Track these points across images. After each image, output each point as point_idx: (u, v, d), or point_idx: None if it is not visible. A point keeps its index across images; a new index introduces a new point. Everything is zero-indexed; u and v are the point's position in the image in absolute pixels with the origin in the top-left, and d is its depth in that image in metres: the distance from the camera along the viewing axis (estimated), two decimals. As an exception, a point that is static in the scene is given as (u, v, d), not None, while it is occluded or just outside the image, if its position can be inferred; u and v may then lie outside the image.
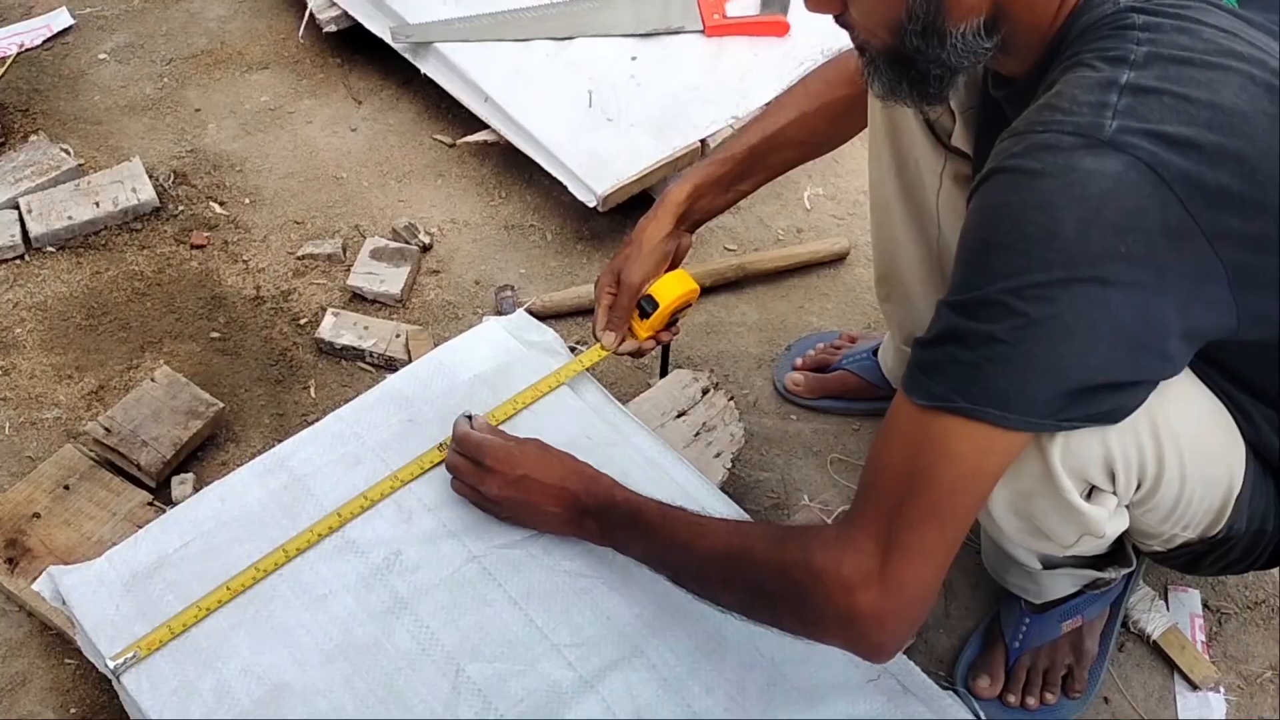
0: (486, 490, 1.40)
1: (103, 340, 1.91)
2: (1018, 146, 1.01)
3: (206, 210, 2.13)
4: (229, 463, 1.74)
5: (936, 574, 1.08)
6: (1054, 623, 1.51)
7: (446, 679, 1.29)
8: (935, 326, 1.05)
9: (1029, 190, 0.98)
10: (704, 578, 1.25)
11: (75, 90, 2.34)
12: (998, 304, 0.99)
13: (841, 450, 1.81)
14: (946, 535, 1.07)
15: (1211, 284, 1.01)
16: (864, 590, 1.06)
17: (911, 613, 1.09)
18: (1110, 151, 0.96)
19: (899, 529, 1.06)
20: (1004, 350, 0.99)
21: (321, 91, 2.38)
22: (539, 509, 1.39)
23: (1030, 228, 0.98)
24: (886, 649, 1.12)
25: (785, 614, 1.17)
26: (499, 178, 2.22)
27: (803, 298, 2.05)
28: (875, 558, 1.06)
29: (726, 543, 1.21)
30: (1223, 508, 1.25)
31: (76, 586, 1.36)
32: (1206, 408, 1.21)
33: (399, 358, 1.87)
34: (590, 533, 1.38)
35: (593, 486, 1.37)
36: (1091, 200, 0.96)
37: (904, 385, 1.07)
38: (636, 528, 1.31)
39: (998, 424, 1.02)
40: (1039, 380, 1.01)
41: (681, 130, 2.11)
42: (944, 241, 1.50)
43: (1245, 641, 1.61)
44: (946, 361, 1.03)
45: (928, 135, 1.46)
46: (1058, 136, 0.98)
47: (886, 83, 1.15)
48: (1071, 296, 0.97)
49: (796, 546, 1.13)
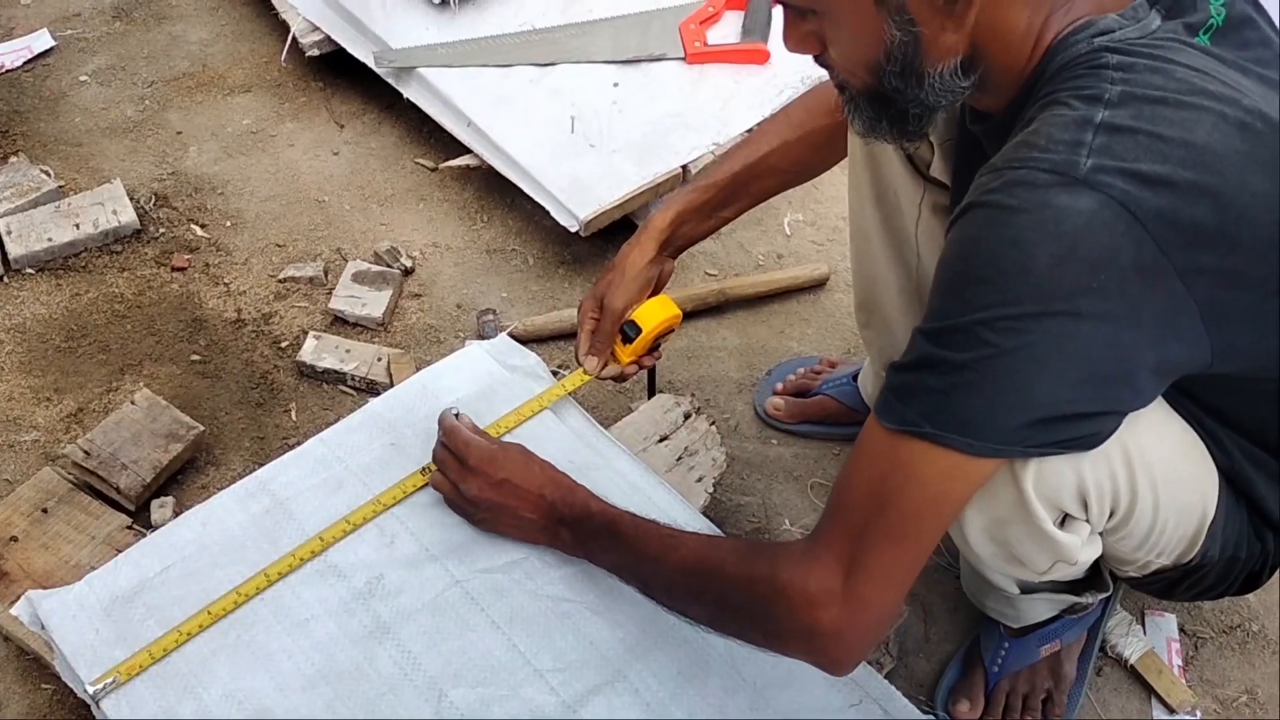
0: (467, 489, 1.41)
1: (82, 363, 1.90)
2: (995, 182, 1.02)
3: (187, 233, 2.12)
4: (209, 486, 1.73)
5: (897, 594, 1.11)
6: (1033, 647, 1.52)
7: (429, 704, 1.28)
8: (910, 353, 1.07)
9: (1004, 225, 1.00)
10: (673, 589, 1.27)
11: (56, 112, 2.34)
12: (970, 334, 1.01)
13: (822, 475, 1.82)
14: (908, 557, 1.09)
15: (1185, 319, 1.03)
16: (826, 607, 1.09)
17: (871, 630, 1.12)
18: (1085, 190, 0.98)
19: (863, 549, 1.08)
20: (973, 378, 1.01)
21: (304, 115, 2.38)
22: (516, 514, 1.40)
23: (1005, 262, 0.99)
24: (845, 663, 1.15)
25: (750, 627, 1.19)
26: (481, 202, 2.23)
27: (783, 323, 2.06)
28: (838, 575, 1.09)
29: (697, 556, 1.23)
30: (1196, 535, 1.26)
31: (55, 611, 1.35)
32: (1179, 436, 1.22)
33: (381, 381, 1.87)
34: (564, 542, 1.39)
35: (569, 497, 1.38)
36: (1065, 237, 0.97)
37: (876, 408, 1.09)
38: (610, 538, 1.33)
39: (964, 450, 1.04)
40: (1007, 409, 1.02)
41: (663, 156, 2.13)
42: (923, 270, 1.52)
43: (1221, 666, 1.62)
44: (918, 387, 1.05)
45: (906, 166, 1.48)
46: (1033, 173, 1.00)
47: (867, 120, 1.18)
48: (1043, 329, 0.99)
49: (764, 562, 1.15)
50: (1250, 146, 1.01)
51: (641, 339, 1.56)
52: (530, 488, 1.39)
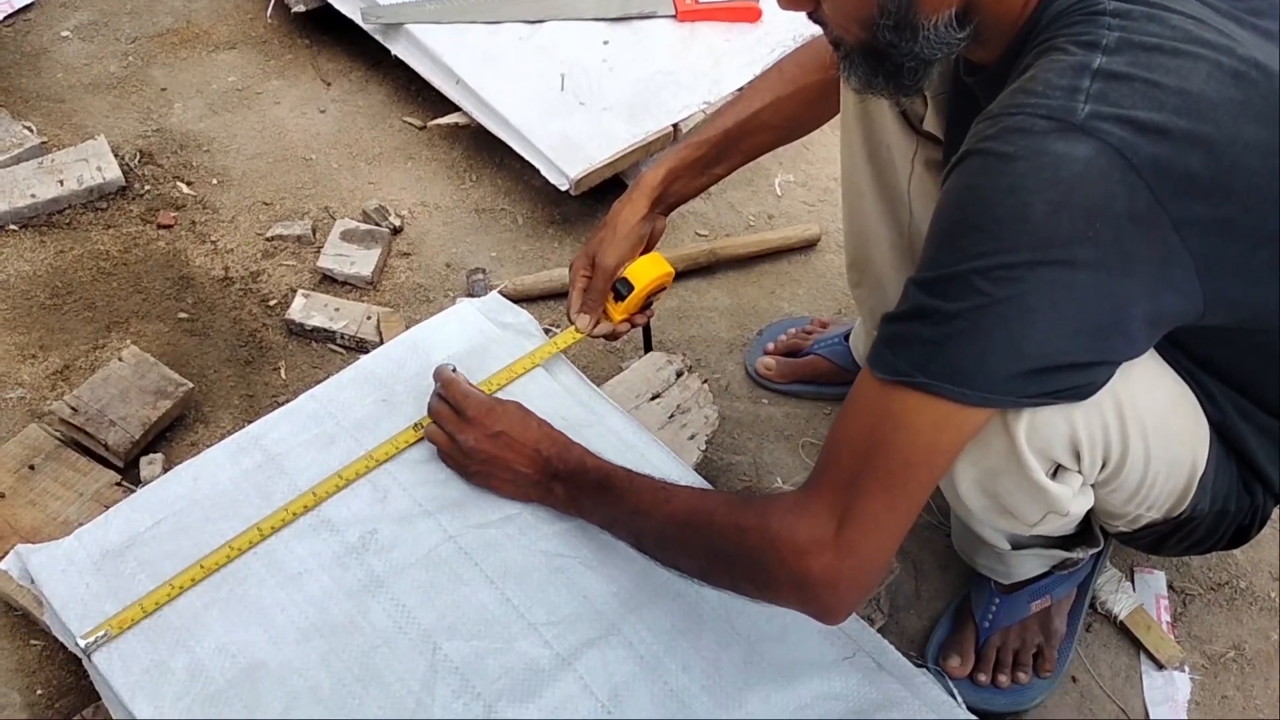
0: (463, 441, 1.40)
1: (68, 320, 1.88)
2: (991, 130, 1.02)
3: (173, 190, 2.10)
4: (198, 443, 1.72)
5: (888, 544, 1.11)
6: (1023, 602, 1.53)
7: (424, 657, 1.28)
8: (902, 304, 1.07)
9: (1000, 173, 1.00)
10: (665, 542, 1.27)
11: (37, 68, 2.30)
12: (963, 283, 1.00)
13: (813, 434, 1.82)
14: (899, 507, 1.09)
15: (1178, 270, 1.03)
16: (817, 555, 1.09)
17: (862, 579, 1.12)
18: (1081, 136, 0.97)
19: (854, 498, 1.08)
20: (965, 328, 1.01)
21: (290, 72, 2.36)
22: (511, 467, 1.39)
23: (1000, 210, 0.99)
24: (837, 612, 1.15)
25: (742, 577, 1.18)
26: (470, 161, 2.21)
27: (774, 283, 2.06)
28: (829, 524, 1.09)
29: (689, 507, 1.23)
30: (1186, 488, 1.27)
31: (45, 565, 1.34)
32: (1171, 389, 1.23)
33: (370, 339, 1.85)
34: (557, 498, 1.39)
35: (565, 453, 1.38)
36: (1062, 184, 0.97)
37: (868, 360, 1.09)
38: (604, 493, 1.32)
39: (956, 399, 1.03)
40: (999, 358, 1.02)
41: (654, 114, 2.11)
42: (915, 226, 1.51)
43: (1209, 622, 1.64)
44: (910, 337, 1.05)
45: (899, 121, 1.47)
46: (1030, 120, 0.99)
47: (862, 77, 1.17)
48: (1037, 278, 0.99)
49: (754, 512, 1.15)
50: (1245, 96, 1.01)
51: (633, 296, 1.55)
52: (527, 441, 1.39)
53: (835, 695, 1.31)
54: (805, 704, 1.29)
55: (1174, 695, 1.55)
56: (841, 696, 1.31)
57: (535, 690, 1.27)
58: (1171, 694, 1.55)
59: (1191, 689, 1.56)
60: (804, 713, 1.29)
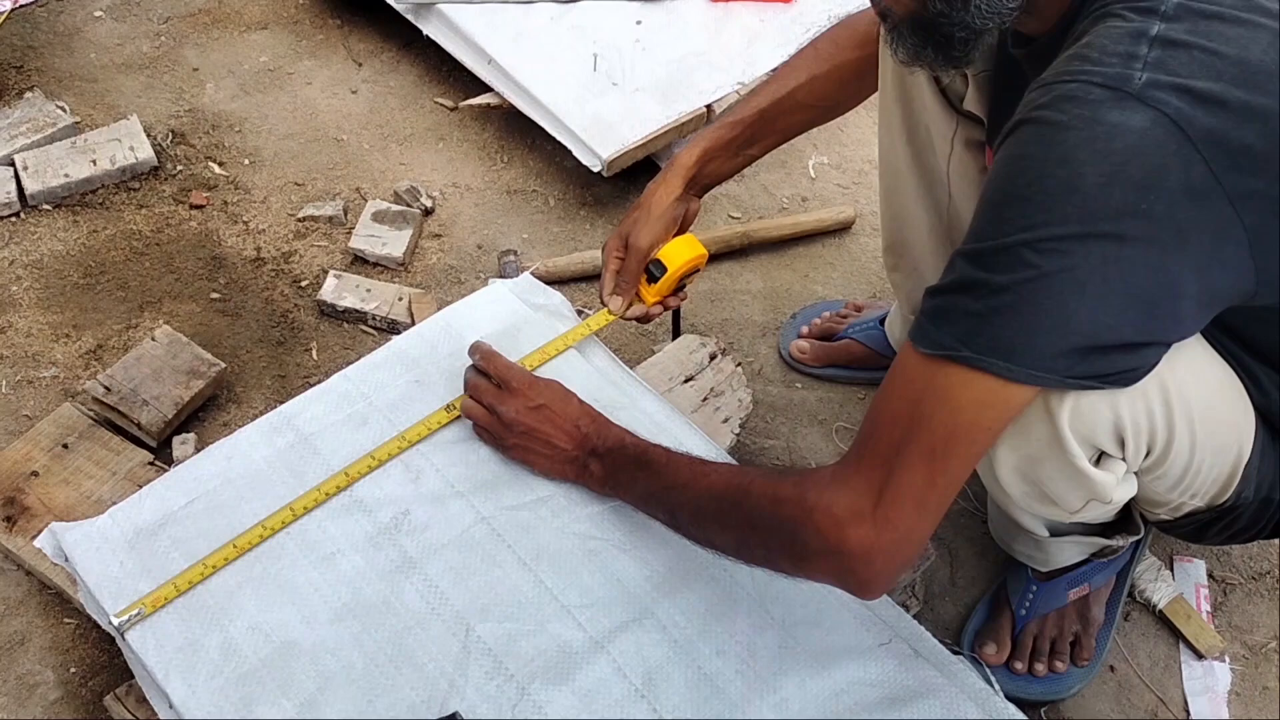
0: (505, 411, 1.39)
1: (101, 299, 1.88)
2: (1044, 98, 1.00)
3: (205, 170, 2.10)
4: (230, 423, 1.72)
5: (927, 520, 1.09)
6: (1061, 590, 1.51)
7: (457, 638, 1.28)
8: (947, 276, 1.05)
9: (1052, 143, 0.98)
10: (701, 515, 1.25)
11: (70, 47, 2.30)
12: (1012, 255, 0.98)
13: (847, 419, 1.81)
14: (939, 484, 1.07)
15: (1231, 246, 1.00)
16: (855, 527, 1.07)
17: (900, 553, 1.10)
18: (1137, 105, 0.95)
19: (894, 472, 1.06)
20: (1012, 301, 0.99)
21: (321, 53, 2.35)
22: (549, 441, 1.38)
23: (1051, 181, 0.97)
24: (873, 585, 1.13)
25: (778, 551, 1.17)
26: (501, 142, 2.20)
27: (808, 266, 2.04)
28: (869, 497, 1.07)
29: (726, 481, 1.22)
30: (1231, 475, 1.25)
31: (79, 543, 1.34)
32: (1217, 374, 1.20)
33: (402, 320, 1.85)
34: (592, 475, 1.38)
35: (604, 430, 1.37)
36: (1115, 155, 0.95)
37: (911, 334, 1.07)
38: (642, 468, 1.31)
39: (1001, 375, 1.01)
40: (1046, 333, 1.00)
41: (687, 96, 2.09)
42: (954, 209, 1.49)
43: (1250, 612, 1.61)
44: (955, 311, 1.03)
45: (939, 100, 1.45)
46: (1086, 88, 0.97)
47: (910, 49, 1.14)
48: (1086, 251, 0.97)
49: (792, 484, 1.14)
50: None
51: (667, 278, 1.53)
52: (568, 415, 1.38)
53: (871, 681, 1.29)
54: (840, 690, 1.28)
55: (1214, 686, 1.53)
56: (877, 683, 1.29)
57: (568, 672, 1.26)
58: (1211, 685, 1.53)
59: (1232, 680, 1.54)
60: (839, 699, 1.27)
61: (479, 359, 1.44)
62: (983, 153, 1.44)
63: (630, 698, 1.25)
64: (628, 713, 1.24)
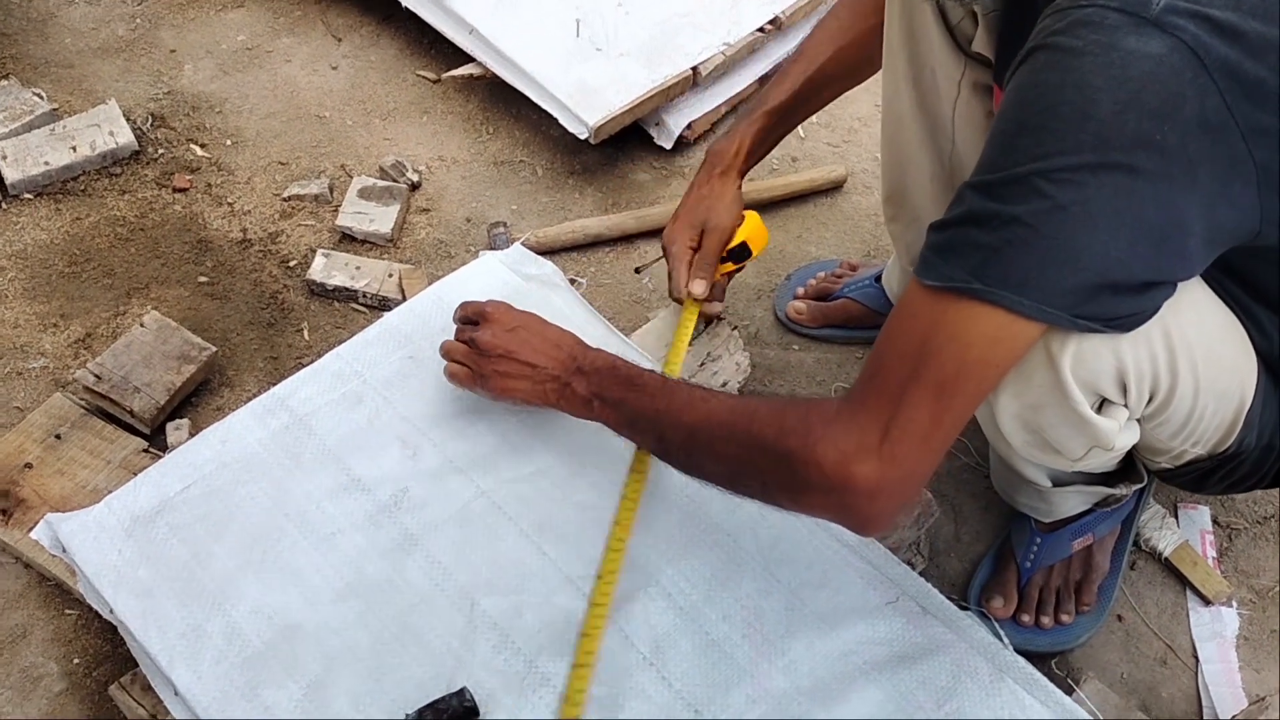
0: (480, 336, 1.38)
1: (87, 287, 1.86)
2: (1060, 23, 0.98)
3: (187, 153, 2.07)
4: (223, 407, 1.70)
5: (932, 456, 1.07)
6: (1065, 541, 1.50)
7: (462, 614, 1.27)
8: (955, 208, 1.03)
9: (1067, 69, 0.96)
10: (693, 442, 1.22)
11: (45, 33, 2.27)
12: (1024, 185, 0.97)
13: (845, 379, 1.79)
14: (945, 420, 1.05)
15: (1239, 183, 0.99)
16: (860, 461, 1.05)
17: (903, 489, 1.08)
18: (1155, 31, 0.93)
19: (900, 407, 1.04)
20: (1025, 233, 0.97)
21: (299, 29, 2.32)
22: (528, 362, 1.36)
23: (1065, 108, 0.95)
24: (875, 521, 1.11)
25: (775, 482, 1.14)
26: (486, 113, 2.17)
27: (800, 227, 2.02)
28: (874, 433, 1.05)
29: (728, 408, 1.20)
30: (1234, 422, 1.24)
31: (76, 533, 1.33)
32: (1220, 319, 1.19)
33: (393, 297, 1.83)
34: (575, 394, 1.34)
35: (591, 352, 1.36)
36: (1131, 83, 0.93)
37: (917, 269, 1.05)
38: (632, 389, 1.29)
39: (1012, 309, 0.99)
40: (1058, 267, 0.98)
41: (672, 59, 2.07)
42: (956, 155, 1.47)
43: (1256, 556, 1.61)
44: (964, 243, 1.01)
45: (947, 41, 1.42)
46: (1101, 12, 0.95)
47: None
48: (1099, 183, 0.95)
49: (796, 415, 1.12)
50: None
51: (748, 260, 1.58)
52: (547, 336, 1.38)
53: (879, 640, 1.28)
54: (849, 650, 1.27)
55: (1222, 631, 1.53)
56: (886, 641, 1.28)
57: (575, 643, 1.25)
58: (1219, 630, 1.53)
59: (1239, 624, 1.54)
60: (848, 659, 1.27)
61: (456, 313, 1.44)
62: (990, 96, 1.42)
63: (638, 666, 1.25)
64: (636, 682, 1.24)
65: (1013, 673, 1.26)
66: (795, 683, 1.24)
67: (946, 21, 1.39)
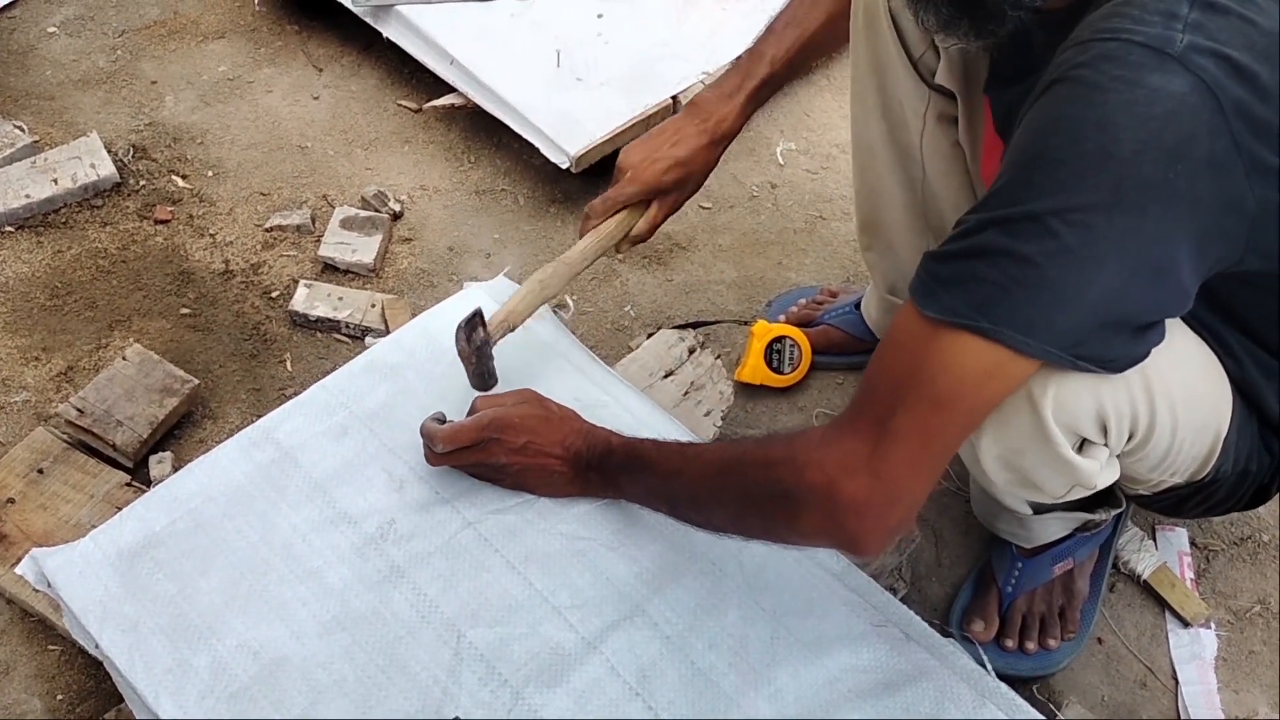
0: (494, 461, 1.38)
1: (69, 320, 1.86)
2: (1082, 57, 0.97)
3: (169, 184, 2.08)
4: (207, 440, 1.70)
5: (919, 482, 1.08)
6: (1046, 566, 1.51)
7: (448, 646, 1.27)
8: (962, 239, 1.02)
9: (1090, 105, 0.95)
10: (699, 497, 1.25)
11: (25, 65, 2.27)
12: (1038, 224, 0.96)
13: (827, 405, 1.81)
14: (933, 447, 1.06)
15: (1233, 217, 0.99)
16: (847, 478, 1.06)
17: (892, 509, 1.08)
18: (1178, 69, 0.93)
19: (888, 430, 1.05)
20: (1035, 274, 0.97)
21: (280, 60, 2.33)
22: (545, 471, 1.38)
23: (1088, 145, 0.95)
24: (865, 542, 1.11)
25: (774, 515, 1.15)
26: (467, 142, 2.19)
27: (780, 254, 2.04)
28: (861, 452, 1.06)
29: (719, 456, 1.22)
30: (1210, 452, 1.25)
31: (61, 568, 1.33)
32: (1195, 353, 1.20)
33: (376, 327, 1.83)
34: (594, 486, 1.38)
35: (591, 440, 1.36)
36: (1154, 121, 0.93)
37: (916, 295, 1.04)
38: (635, 467, 1.31)
39: (1014, 348, 1.00)
40: (1066, 310, 0.99)
41: (652, 88, 2.09)
42: (928, 186, 1.49)
43: (1233, 577, 1.63)
44: (969, 277, 1.00)
45: (911, 74, 1.43)
46: (1126, 47, 0.95)
47: (944, 17, 1.08)
48: (1111, 225, 0.95)
49: (782, 445, 1.13)
50: None
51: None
52: (555, 441, 1.37)
53: (864, 668, 1.29)
54: (834, 677, 1.28)
55: (1201, 652, 1.54)
56: (870, 669, 1.29)
57: (562, 674, 1.26)
58: (1198, 651, 1.54)
59: (1218, 645, 1.55)
60: (833, 686, 1.28)
61: (444, 448, 1.37)
62: (954, 128, 1.44)
63: (625, 696, 1.25)
64: (623, 712, 1.24)
65: (995, 699, 1.27)
66: (781, 711, 1.25)
67: (909, 55, 1.40)
